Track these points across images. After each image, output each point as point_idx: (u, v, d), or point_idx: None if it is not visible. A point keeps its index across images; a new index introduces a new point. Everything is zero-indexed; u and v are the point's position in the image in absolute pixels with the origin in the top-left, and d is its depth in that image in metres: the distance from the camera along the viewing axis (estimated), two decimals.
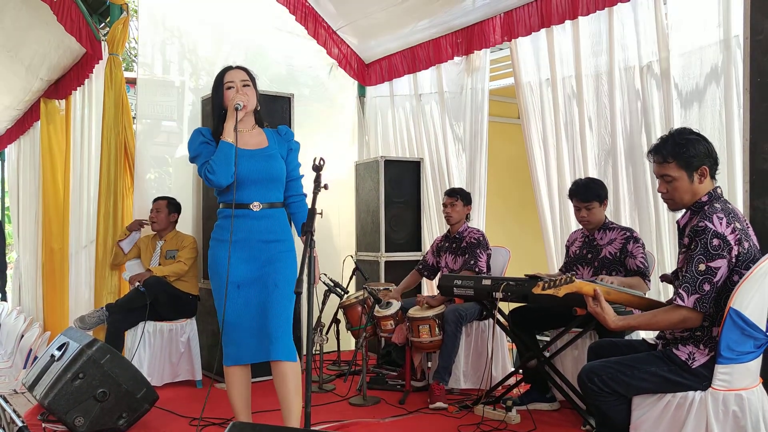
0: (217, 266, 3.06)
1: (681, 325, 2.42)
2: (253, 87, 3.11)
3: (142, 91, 5.51)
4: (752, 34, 3.02)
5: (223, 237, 3.04)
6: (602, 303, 2.56)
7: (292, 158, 3.21)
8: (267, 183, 3.06)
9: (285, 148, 3.18)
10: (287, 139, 3.21)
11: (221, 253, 3.04)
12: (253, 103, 3.09)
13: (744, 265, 2.37)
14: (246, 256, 3.03)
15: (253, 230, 3.04)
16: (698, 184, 2.52)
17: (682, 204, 2.58)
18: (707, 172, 2.51)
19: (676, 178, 2.53)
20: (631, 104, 4.25)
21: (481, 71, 5.42)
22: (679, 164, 2.51)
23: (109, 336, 4.53)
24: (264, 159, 3.07)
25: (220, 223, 3.12)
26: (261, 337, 2.99)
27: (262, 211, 3.05)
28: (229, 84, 3.06)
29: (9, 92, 7.36)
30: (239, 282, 3.01)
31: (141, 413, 3.67)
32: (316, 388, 4.61)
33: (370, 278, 5.60)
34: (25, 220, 8.32)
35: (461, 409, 4.00)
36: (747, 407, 2.34)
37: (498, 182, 7.02)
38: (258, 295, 3.01)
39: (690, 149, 2.50)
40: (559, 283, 2.58)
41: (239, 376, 3.11)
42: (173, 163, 5.82)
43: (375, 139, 6.66)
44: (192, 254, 4.82)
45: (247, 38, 6.07)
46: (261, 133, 3.17)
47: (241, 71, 3.12)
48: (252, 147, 3.08)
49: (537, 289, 2.63)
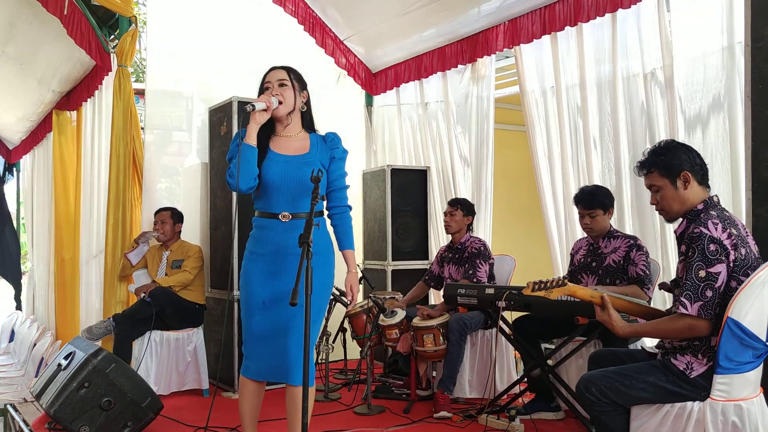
0: (244, 280, 2.91)
1: (689, 333, 2.39)
2: (292, 87, 2.90)
3: (151, 102, 5.56)
4: (753, 41, 3.01)
5: (254, 249, 2.91)
6: (609, 310, 2.56)
7: (336, 167, 2.99)
8: (300, 192, 2.84)
9: (327, 156, 2.96)
10: (332, 146, 2.98)
11: (249, 266, 2.90)
12: (290, 104, 2.89)
13: (742, 271, 2.36)
14: (274, 271, 2.86)
15: (280, 243, 2.84)
16: (683, 191, 2.52)
17: (672, 212, 2.58)
18: (690, 177, 2.51)
19: (661, 186, 2.56)
20: (635, 112, 4.25)
21: (486, 79, 5.44)
22: (661, 173, 2.55)
23: (116, 346, 4.56)
24: (299, 166, 2.85)
25: (253, 233, 2.95)
26: (282, 357, 2.83)
27: (291, 222, 2.85)
28: (266, 84, 2.90)
29: (22, 104, 7.47)
30: (265, 299, 2.85)
31: (146, 422, 3.69)
32: (322, 397, 4.61)
33: (377, 287, 5.61)
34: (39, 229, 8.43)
35: (465, 419, 3.99)
36: (747, 418, 2.31)
37: (509, 190, 7.02)
38: (285, 313, 2.80)
39: (669, 157, 2.54)
40: (550, 286, 2.58)
41: (252, 389, 2.96)
42: (183, 173, 5.87)
43: (382, 147, 6.69)
44: (197, 263, 4.85)
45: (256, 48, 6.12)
46: (306, 138, 2.96)
47: (282, 71, 2.93)
48: (290, 153, 2.89)
49: (527, 291, 2.64)
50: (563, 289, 2.58)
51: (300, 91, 2.96)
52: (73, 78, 6.22)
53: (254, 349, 2.89)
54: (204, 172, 5.39)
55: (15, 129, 8.73)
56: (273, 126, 2.95)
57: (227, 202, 4.88)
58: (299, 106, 2.96)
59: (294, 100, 2.92)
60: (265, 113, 2.81)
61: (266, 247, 2.88)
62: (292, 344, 2.81)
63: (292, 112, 2.94)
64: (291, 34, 6.28)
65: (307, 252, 2.41)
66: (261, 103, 2.77)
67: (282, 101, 2.85)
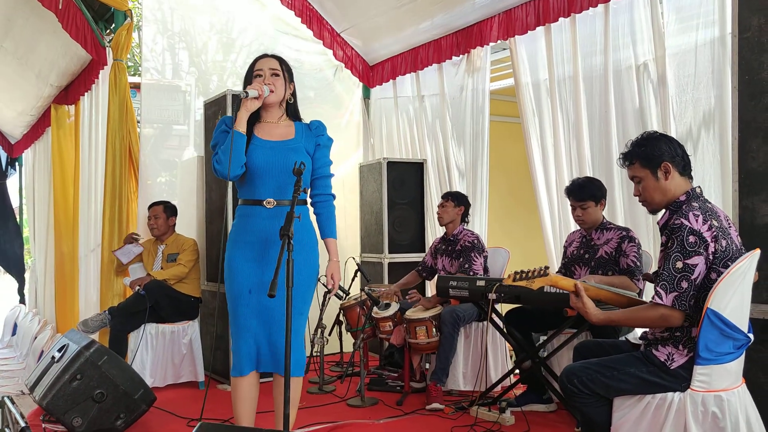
0: (228, 269, 2.88)
1: (662, 323, 2.41)
2: (283, 78, 2.92)
3: (147, 96, 5.57)
4: (740, 32, 2.99)
5: (238, 237, 2.88)
6: (583, 297, 2.56)
7: (320, 155, 2.98)
8: (285, 178, 2.82)
9: (312, 143, 2.96)
10: (317, 133, 2.99)
11: (234, 253, 2.87)
12: (280, 94, 2.91)
13: (722, 263, 2.35)
14: (257, 258, 2.84)
15: (266, 230, 2.83)
16: (665, 182, 2.52)
17: (654, 203, 2.59)
18: (671, 168, 2.51)
19: (643, 177, 2.57)
20: (626, 104, 4.23)
21: (481, 72, 5.43)
22: (642, 164, 2.56)
23: (112, 339, 4.60)
24: (285, 152, 2.85)
25: (236, 222, 2.93)
26: (270, 346, 2.84)
27: (275, 209, 2.85)
28: (258, 72, 2.90)
29: (22, 98, 7.48)
30: (251, 286, 2.83)
31: (138, 414, 3.72)
32: (316, 389, 4.64)
33: (373, 279, 5.62)
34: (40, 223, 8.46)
35: (457, 411, 4.01)
36: (727, 408, 2.31)
37: (506, 182, 7.01)
38: (271, 302, 2.79)
39: (650, 148, 2.54)
40: (531, 275, 2.59)
41: (246, 388, 2.91)
42: (180, 167, 5.89)
43: (380, 140, 6.69)
44: (192, 257, 4.87)
45: (254, 41, 6.13)
46: (290, 125, 2.98)
47: (273, 60, 2.94)
48: (275, 138, 2.90)
49: (508, 281, 2.65)
50: (545, 279, 2.59)
51: (289, 82, 2.98)
52: (71, 72, 6.24)
53: (240, 341, 2.87)
54: (200, 165, 5.41)
55: (16, 123, 8.75)
56: (258, 113, 2.95)
57: (222, 195, 4.90)
58: (287, 97, 2.99)
59: (284, 91, 2.95)
60: (257, 101, 2.81)
61: (251, 235, 2.86)
62: (279, 334, 2.80)
63: (281, 101, 2.97)
64: (288, 26, 6.29)
65: (288, 244, 2.42)
66: (254, 91, 2.77)
67: (273, 90, 2.87)
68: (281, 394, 2.80)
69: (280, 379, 2.84)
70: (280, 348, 2.80)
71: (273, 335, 2.83)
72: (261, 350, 2.87)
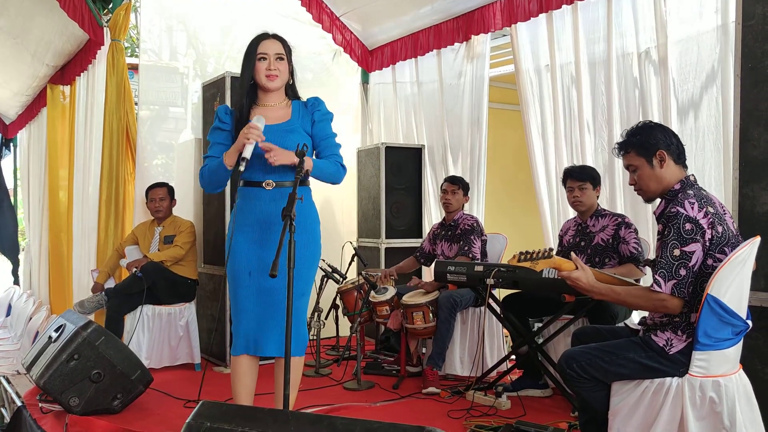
0: (231, 251, 2.86)
1: (662, 309, 2.41)
2: (287, 61, 2.89)
3: (144, 77, 5.54)
4: (744, 20, 2.98)
5: (240, 219, 2.87)
6: (580, 265, 2.56)
7: (318, 129, 2.93)
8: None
9: (309, 120, 2.91)
10: (313, 109, 2.93)
11: (236, 236, 2.87)
12: (284, 79, 2.89)
13: (718, 249, 2.37)
14: (258, 240, 2.84)
15: (267, 212, 2.82)
16: (660, 170, 2.55)
17: (650, 192, 2.61)
18: (666, 156, 2.53)
19: (638, 166, 2.60)
20: (628, 91, 4.23)
21: (481, 58, 5.40)
22: (638, 152, 2.58)
23: (108, 320, 4.59)
24: (282, 134, 2.81)
25: (238, 203, 2.91)
26: (271, 328, 2.83)
27: (275, 190, 2.83)
28: (262, 55, 2.83)
29: (17, 78, 7.43)
30: (251, 269, 2.83)
31: (135, 394, 3.72)
32: (313, 372, 4.65)
33: (370, 264, 5.62)
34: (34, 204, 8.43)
35: (453, 395, 4.02)
36: (724, 393, 2.32)
37: (504, 169, 7.01)
38: (272, 283, 2.77)
39: (645, 136, 2.57)
40: (536, 257, 2.60)
41: (245, 367, 2.91)
42: (177, 149, 5.86)
43: (378, 125, 6.67)
44: (189, 239, 4.86)
45: (252, 24, 6.07)
46: (288, 106, 2.94)
47: (277, 42, 2.88)
48: (272, 122, 2.84)
49: (513, 261, 2.66)
50: (548, 261, 2.59)
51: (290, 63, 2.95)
52: (67, 52, 6.19)
53: (240, 323, 2.87)
54: (197, 147, 5.39)
55: (11, 104, 8.70)
56: (256, 95, 2.94)
57: None
58: (288, 80, 2.96)
59: (288, 74, 2.93)
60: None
61: (252, 216, 2.86)
62: (280, 315, 2.80)
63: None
64: (287, 9, 6.24)
65: (290, 225, 2.42)
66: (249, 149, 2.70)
67: (272, 84, 2.86)
68: (282, 375, 2.83)
69: (279, 361, 2.84)
70: (280, 329, 2.79)
71: (271, 319, 2.83)
72: (262, 332, 2.86)
